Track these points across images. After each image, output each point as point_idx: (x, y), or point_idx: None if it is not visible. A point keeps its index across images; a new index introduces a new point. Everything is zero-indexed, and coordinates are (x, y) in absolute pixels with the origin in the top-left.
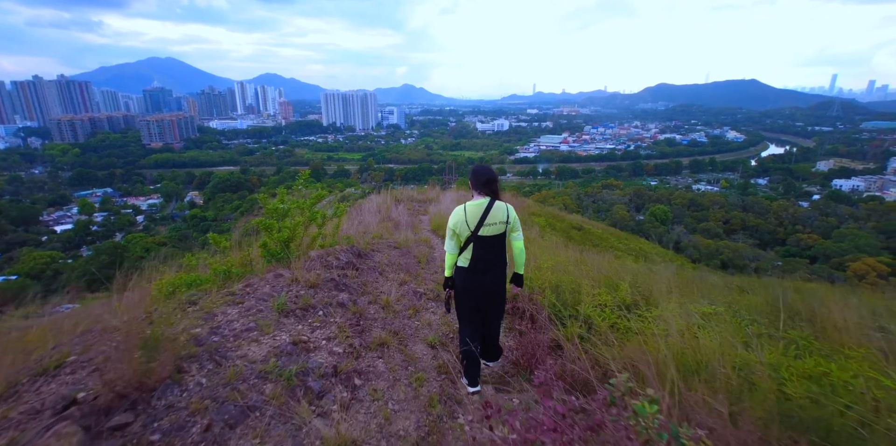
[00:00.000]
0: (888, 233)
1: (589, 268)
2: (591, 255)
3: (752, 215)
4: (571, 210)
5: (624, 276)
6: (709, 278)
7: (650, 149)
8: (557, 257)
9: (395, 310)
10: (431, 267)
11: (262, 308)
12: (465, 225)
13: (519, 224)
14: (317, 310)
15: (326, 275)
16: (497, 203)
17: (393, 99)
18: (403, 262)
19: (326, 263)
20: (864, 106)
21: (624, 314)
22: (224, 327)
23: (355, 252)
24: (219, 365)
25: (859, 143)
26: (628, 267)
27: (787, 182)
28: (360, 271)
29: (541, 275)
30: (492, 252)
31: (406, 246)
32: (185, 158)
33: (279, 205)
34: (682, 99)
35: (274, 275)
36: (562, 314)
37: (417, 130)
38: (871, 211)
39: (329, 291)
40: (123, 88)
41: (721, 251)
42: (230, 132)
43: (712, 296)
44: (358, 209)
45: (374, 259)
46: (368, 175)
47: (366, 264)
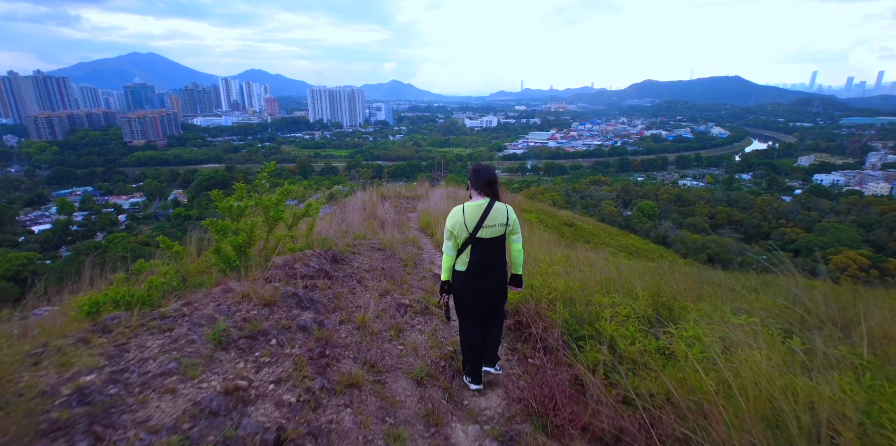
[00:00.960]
0: (867, 227)
1: (591, 269)
2: (586, 253)
3: (737, 210)
4: (560, 206)
5: (633, 279)
6: (711, 276)
7: (637, 145)
8: (554, 256)
9: (372, 330)
10: (419, 271)
11: (195, 337)
12: (464, 226)
13: (518, 226)
14: (269, 337)
15: (287, 290)
16: (497, 204)
17: (381, 95)
18: (387, 267)
19: (292, 272)
20: (843, 102)
21: (648, 330)
22: (133, 369)
23: (330, 256)
24: (99, 439)
25: (839, 139)
26: (632, 266)
27: (770, 177)
28: (333, 280)
29: (545, 282)
30: (491, 255)
31: (391, 247)
32: (168, 156)
33: (233, 202)
34: (667, 95)
35: (223, 289)
36: (577, 333)
37: (406, 127)
38: (851, 205)
39: (289, 310)
40: (103, 84)
41: (708, 245)
42: (215, 129)
43: (734, 300)
44: (342, 206)
45: (352, 264)
46: (357, 172)
47: (342, 271)
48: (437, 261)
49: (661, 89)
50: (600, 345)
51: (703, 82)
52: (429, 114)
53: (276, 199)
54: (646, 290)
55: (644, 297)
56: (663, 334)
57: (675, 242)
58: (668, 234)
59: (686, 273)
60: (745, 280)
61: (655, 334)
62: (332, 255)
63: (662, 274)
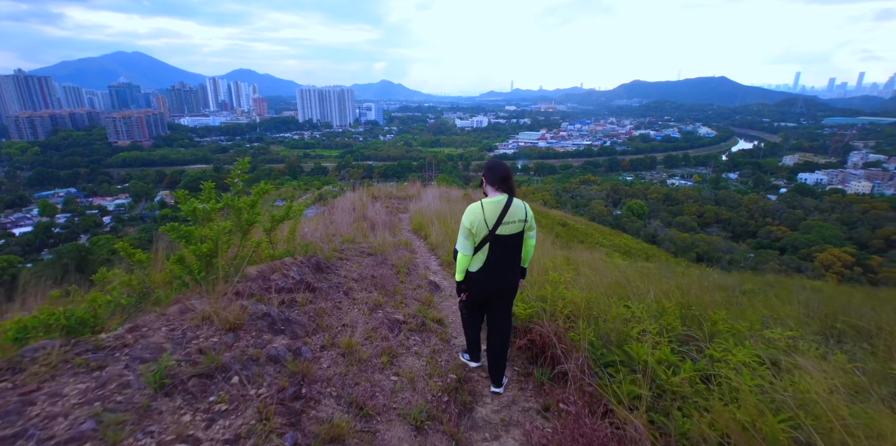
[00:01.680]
0: (850, 225)
1: (595, 273)
2: (582, 253)
3: (724, 208)
4: (551, 205)
5: (641, 283)
6: (717, 279)
7: (626, 144)
8: (556, 259)
9: (360, 356)
10: (413, 278)
11: (130, 378)
12: (484, 223)
13: (535, 223)
14: (229, 374)
15: (258, 308)
16: (515, 200)
17: (371, 95)
18: (378, 275)
19: (268, 285)
20: (826, 102)
21: (685, 351)
22: (33, 433)
23: (314, 264)
24: None
25: (821, 139)
26: (633, 267)
27: (756, 176)
28: (316, 293)
29: (556, 292)
30: (508, 252)
31: (382, 251)
32: (154, 156)
33: (197, 204)
34: (655, 95)
35: (180, 308)
36: (605, 358)
37: (396, 127)
38: (835, 203)
39: (258, 335)
40: (87, 84)
41: (697, 244)
42: (202, 129)
43: (754, 307)
44: (330, 208)
45: (338, 272)
46: (347, 172)
47: (327, 281)
48: (431, 266)
49: (649, 89)
50: (635, 374)
51: (690, 83)
52: (419, 114)
53: (251, 201)
54: (672, 300)
55: (672, 310)
56: (700, 356)
57: (665, 241)
58: (658, 233)
59: (693, 276)
60: (749, 282)
61: (692, 357)
62: (316, 263)
63: (668, 277)
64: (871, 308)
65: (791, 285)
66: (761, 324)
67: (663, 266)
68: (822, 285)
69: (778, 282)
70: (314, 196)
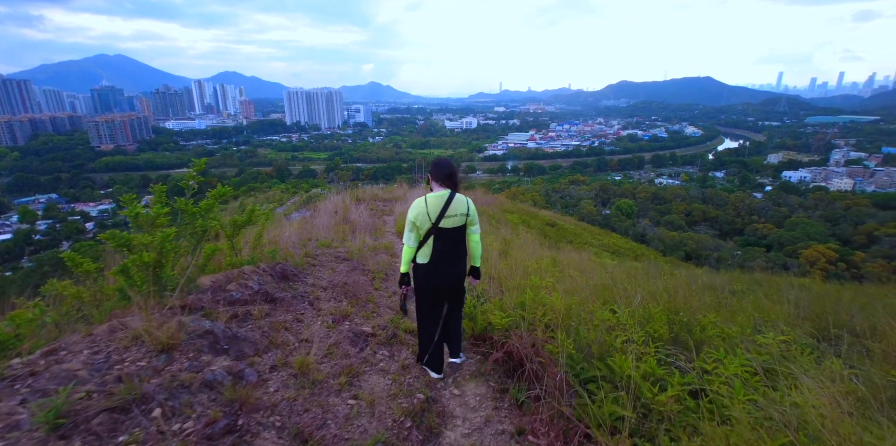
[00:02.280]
0: (834, 221)
1: (582, 275)
2: (570, 253)
3: (711, 207)
4: (541, 206)
5: (628, 284)
6: (705, 278)
7: (614, 145)
8: (541, 261)
9: (315, 377)
10: (390, 284)
11: (22, 417)
12: (427, 216)
13: (477, 217)
14: (150, 405)
15: (199, 325)
16: (457, 195)
17: (359, 97)
18: (351, 282)
19: (221, 297)
20: (808, 102)
21: (672, 361)
22: None
23: (278, 272)
24: None
25: (804, 137)
26: (621, 267)
27: (742, 174)
28: (276, 304)
29: (537, 298)
30: (452, 245)
31: (360, 256)
32: (139, 161)
33: (140, 209)
34: (642, 96)
35: (110, 327)
36: (585, 373)
37: (385, 129)
38: (818, 200)
39: (196, 356)
40: (68, 87)
41: (685, 242)
42: (188, 133)
43: (744, 309)
44: (313, 211)
45: (306, 280)
46: (335, 174)
47: (291, 290)
48: None
49: (637, 90)
50: (618, 390)
51: (676, 83)
52: (408, 115)
53: (207, 204)
54: (659, 304)
55: (659, 315)
56: (689, 366)
57: (654, 240)
58: (647, 232)
59: (681, 277)
60: (737, 281)
61: (681, 368)
62: (282, 270)
63: (655, 277)
64: (860, 306)
65: (779, 283)
66: (752, 327)
67: (651, 265)
68: (810, 283)
69: (766, 281)
70: (302, 199)
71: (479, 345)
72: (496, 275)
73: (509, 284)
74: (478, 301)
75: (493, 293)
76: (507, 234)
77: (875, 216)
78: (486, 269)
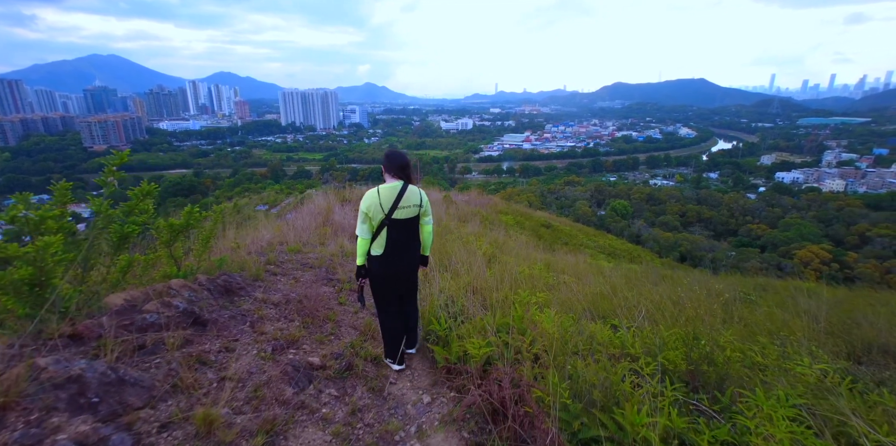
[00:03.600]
0: (827, 222)
1: (578, 281)
2: (565, 256)
3: (706, 208)
4: (536, 207)
5: (633, 295)
6: (708, 285)
7: (608, 146)
8: (534, 266)
9: (221, 439)
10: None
11: None
12: (380, 207)
13: (430, 208)
14: None
15: (63, 370)
16: (410, 186)
17: (355, 98)
18: (311, 295)
19: (132, 321)
20: (800, 103)
21: (694, 403)
22: None
23: (221, 285)
24: None
25: (797, 138)
26: (618, 271)
27: (735, 175)
28: (205, 327)
29: (526, 318)
30: (406, 236)
31: (330, 263)
32: (132, 161)
33: (16, 212)
34: (637, 97)
35: None
36: (586, 432)
37: (381, 129)
38: (811, 201)
39: (42, 419)
40: (61, 87)
41: (680, 243)
42: (182, 133)
43: (768, 325)
44: (296, 212)
45: (254, 295)
46: (330, 175)
47: (233, 307)
48: None
49: (631, 91)
50: None
51: (670, 84)
52: (404, 116)
53: (129, 206)
54: (665, 317)
55: (672, 340)
56: (716, 408)
57: (649, 240)
58: (642, 233)
59: (683, 282)
60: (740, 285)
61: (705, 413)
62: (225, 283)
63: (656, 282)
64: (882, 316)
65: (785, 289)
66: (779, 351)
67: (650, 269)
68: (817, 287)
69: (769, 286)
70: (297, 200)
71: (452, 379)
72: (480, 287)
73: (495, 297)
74: (454, 321)
75: (475, 310)
76: (499, 236)
77: (867, 217)
78: (468, 279)
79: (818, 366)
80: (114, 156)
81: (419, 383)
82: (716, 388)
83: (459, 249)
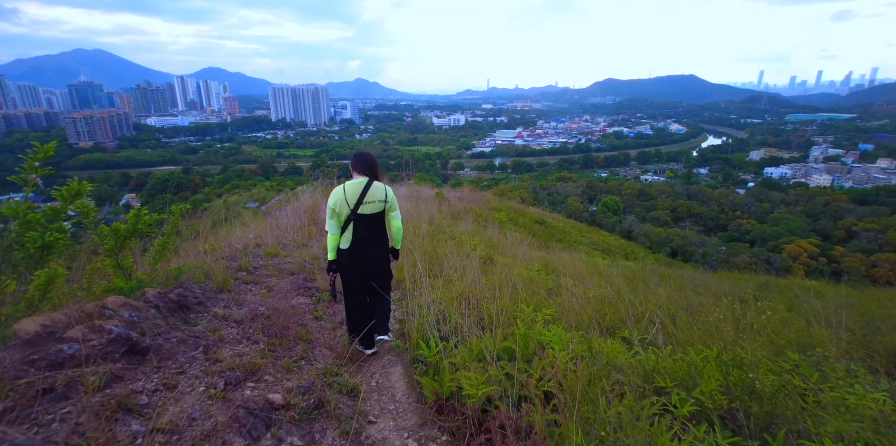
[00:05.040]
0: (814, 217)
1: (579, 284)
2: (561, 254)
3: (696, 203)
4: (529, 203)
5: (637, 299)
6: (712, 285)
7: (600, 142)
8: (532, 267)
9: None
10: (340, 310)
11: None
12: (345, 203)
13: (397, 204)
14: None
15: None
16: (375, 182)
17: (346, 93)
18: (283, 308)
19: (44, 354)
20: (788, 99)
21: None
22: None
23: (174, 301)
24: None
25: (785, 134)
26: (617, 271)
27: (725, 171)
28: (146, 356)
29: (529, 337)
30: (372, 230)
31: (310, 268)
32: (119, 158)
33: None
34: (628, 93)
35: None
36: None
37: (373, 125)
38: (799, 196)
39: None
40: (44, 83)
41: (671, 238)
42: (170, 129)
43: (789, 334)
44: (284, 210)
45: (214, 310)
46: (321, 171)
47: (185, 327)
48: None
49: (622, 87)
50: None
51: (660, 81)
52: (396, 112)
53: (54, 210)
54: (678, 327)
55: (709, 370)
56: None
57: (640, 236)
58: (633, 228)
59: (686, 282)
60: (742, 284)
61: None
62: (179, 298)
63: (657, 283)
64: None
65: (787, 288)
66: (817, 374)
67: (648, 267)
68: (818, 286)
69: (771, 285)
70: (287, 197)
71: (444, 419)
72: (475, 297)
73: (492, 309)
74: (446, 344)
75: (469, 328)
76: (493, 235)
77: (853, 211)
78: (462, 288)
79: (874, 395)
80: (36, 150)
81: (404, 421)
82: (763, 429)
83: (452, 251)
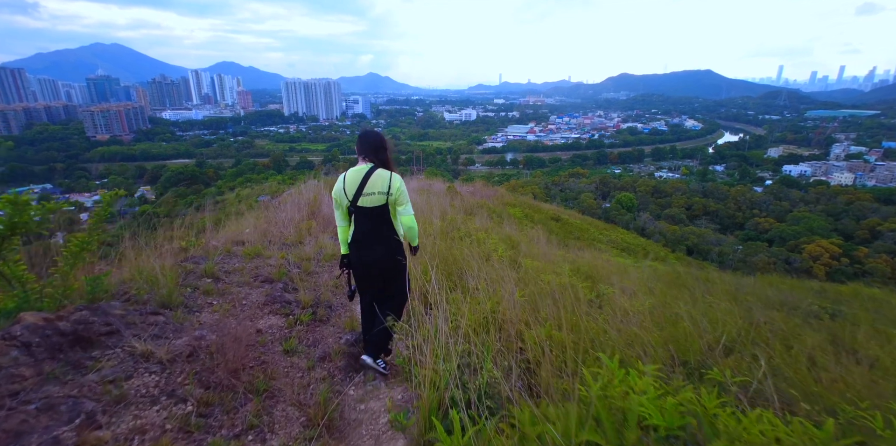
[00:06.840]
0: (836, 216)
1: (630, 299)
2: (581, 252)
3: (712, 201)
4: (541, 199)
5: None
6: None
7: (613, 137)
8: (559, 269)
9: None
10: (324, 334)
11: None
12: (343, 193)
13: (406, 196)
14: None
15: None
16: (379, 171)
17: (358, 88)
18: (240, 335)
19: None
20: (808, 95)
21: None
22: None
23: (64, 334)
24: None
25: (805, 131)
26: (662, 275)
27: (742, 168)
28: None
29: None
30: (372, 225)
31: (296, 274)
32: (134, 151)
33: None
34: (642, 88)
35: None
36: None
37: (384, 120)
38: (820, 195)
39: None
40: (64, 77)
41: (686, 236)
42: (184, 123)
43: None
44: (280, 202)
45: (129, 343)
46: (333, 166)
47: (74, 375)
48: None
49: (636, 83)
50: None
51: (676, 76)
52: (407, 107)
53: None
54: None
55: None
56: None
57: (654, 233)
58: (647, 226)
59: (728, 288)
60: (799, 293)
61: None
62: (77, 328)
63: (701, 290)
64: None
65: (851, 296)
66: None
67: (679, 269)
68: (878, 294)
69: (829, 292)
70: (297, 190)
71: None
72: (508, 319)
73: (533, 337)
74: (477, 419)
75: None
76: (512, 232)
77: (877, 211)
78: (491, 305)
79: None
80: None
81: None
82: None
83: (471, 253)
